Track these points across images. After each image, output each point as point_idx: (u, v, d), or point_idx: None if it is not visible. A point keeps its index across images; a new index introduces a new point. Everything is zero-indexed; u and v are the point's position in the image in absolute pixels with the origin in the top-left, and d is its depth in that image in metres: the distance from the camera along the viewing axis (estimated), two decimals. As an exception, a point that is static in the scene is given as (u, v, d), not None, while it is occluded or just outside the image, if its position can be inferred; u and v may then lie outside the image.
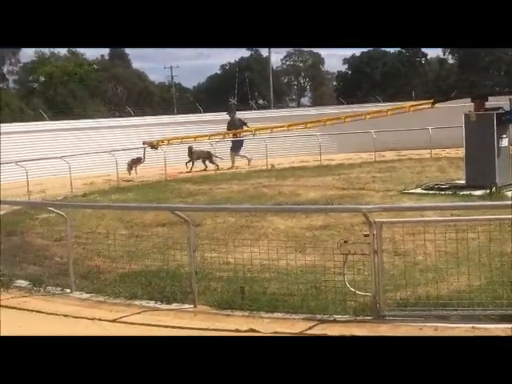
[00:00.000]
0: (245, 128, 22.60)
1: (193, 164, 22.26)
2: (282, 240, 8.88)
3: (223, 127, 24.11)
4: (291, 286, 7.34)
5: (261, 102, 66.14)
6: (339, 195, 13.96)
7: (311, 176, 18.15)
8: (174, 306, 7.15)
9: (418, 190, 14.19)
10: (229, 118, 23.78)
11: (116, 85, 66.72)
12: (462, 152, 14.86)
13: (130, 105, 43.05)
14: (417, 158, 22.18)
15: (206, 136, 22.23)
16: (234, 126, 22.79)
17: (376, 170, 18.93)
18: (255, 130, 21.87)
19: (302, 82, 79.18)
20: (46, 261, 9.28)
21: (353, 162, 21.69)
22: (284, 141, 24.84)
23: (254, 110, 36.88)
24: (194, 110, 31.01)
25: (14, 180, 18.72)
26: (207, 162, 22.06)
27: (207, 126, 26.14)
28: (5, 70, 67.73)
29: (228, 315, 6.77)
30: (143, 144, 22.32)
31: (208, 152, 21.93)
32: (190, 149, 22.18)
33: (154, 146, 22.25)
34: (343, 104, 33.65)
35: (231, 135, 22.60)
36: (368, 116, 18.72)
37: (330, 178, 17.37)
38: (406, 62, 64.14)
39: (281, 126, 21.48)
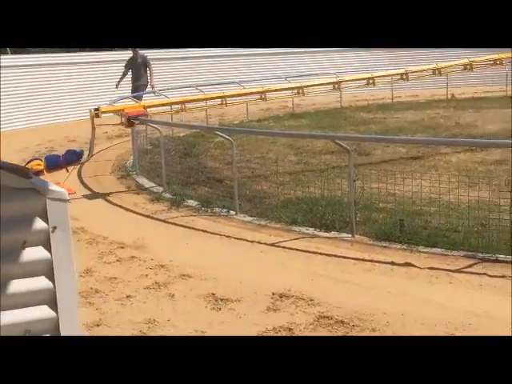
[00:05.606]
0: (148, 70, 17.82)
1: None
2: (453, 174, 8.56)
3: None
4: (455, 221, 7.10)
5: None
6: (522, 129, 13.08)
7: (493, 107, 17.10)
8: (332, 234, 7.18)
9: None
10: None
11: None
12: None
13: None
14: None
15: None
16: (136, 64, 17.74)
17: None
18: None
19: None
20: (216, 183, 9.64)
21: (543, 94, 20.15)
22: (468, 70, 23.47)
23: None
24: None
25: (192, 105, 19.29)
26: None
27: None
28: None
29: (385, 247, 6.69)
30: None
31: None
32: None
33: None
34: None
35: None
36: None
37: (514, 110, 16.30)
38: None
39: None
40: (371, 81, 19.09)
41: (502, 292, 5.46)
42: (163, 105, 14.37)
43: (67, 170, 9.94)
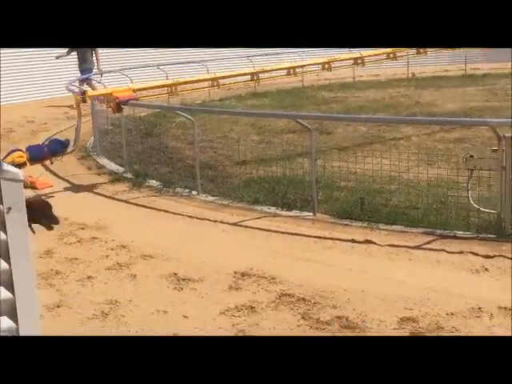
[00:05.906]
0: (94, 53, 16.98)
1: None
2: (412, 152, 8.67)
3: None
4: (415, 198, 7.20)
5: None
6: (480, 107, 13.27)
7: (453, 86, 17.31)
8: (293, 212, 7.22)
9: None
10: None
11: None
12: None
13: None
14: None
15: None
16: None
17: (526, 81, 17.69)
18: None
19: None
20: (178, 163, 9.59)
21: (500, 72, 20.38)
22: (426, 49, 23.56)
23: None
24: None
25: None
26: None
27: None
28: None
29: (346, 225, 6.76)
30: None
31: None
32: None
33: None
34: None
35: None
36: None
37: (473, 89, 16.50)
38: None
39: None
40: (360, 61, 18.75)
41: (460, 268, 5.57)
42: (153, 88, 13.98)
43: (51, 162, 9.01)
